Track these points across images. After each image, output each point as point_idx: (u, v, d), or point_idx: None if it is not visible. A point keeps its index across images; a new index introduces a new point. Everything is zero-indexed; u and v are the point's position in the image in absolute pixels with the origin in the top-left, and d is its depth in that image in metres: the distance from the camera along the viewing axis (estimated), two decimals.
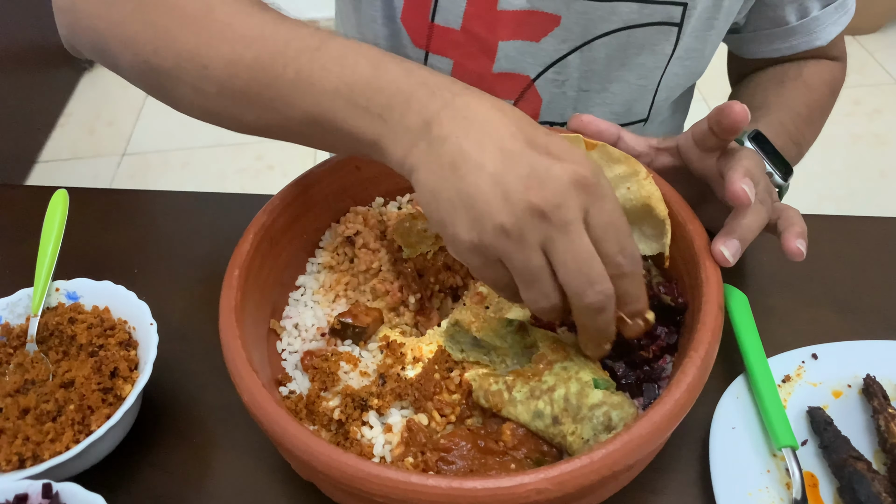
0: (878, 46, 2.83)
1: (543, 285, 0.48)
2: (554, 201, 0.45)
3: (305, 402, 0.57)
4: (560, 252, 0.46)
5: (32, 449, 0.54)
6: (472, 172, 0.46)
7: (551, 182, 0.45)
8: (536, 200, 0.45)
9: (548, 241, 0.46)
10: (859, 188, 2.25)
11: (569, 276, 0.47)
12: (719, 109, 0.58)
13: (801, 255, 0.59)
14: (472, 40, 0.80)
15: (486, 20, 0.78)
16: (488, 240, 0.46)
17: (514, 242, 0.46)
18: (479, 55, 0.81)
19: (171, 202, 0.91)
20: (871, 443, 0.59)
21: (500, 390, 0.55)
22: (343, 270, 0.68)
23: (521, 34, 0.80)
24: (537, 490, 0.45)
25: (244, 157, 2.50)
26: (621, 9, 0.77)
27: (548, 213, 0.45)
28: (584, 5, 0.77)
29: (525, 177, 0.45)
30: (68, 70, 2.88)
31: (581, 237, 0.46)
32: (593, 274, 0.47)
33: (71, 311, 0.64)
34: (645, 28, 0.79)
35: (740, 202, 0.56)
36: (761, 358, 0.62)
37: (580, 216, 0.46)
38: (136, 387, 0.57)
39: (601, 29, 0.79)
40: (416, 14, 0.80)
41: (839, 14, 0.87)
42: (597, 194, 0.47)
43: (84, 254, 0.77)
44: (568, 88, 0.85)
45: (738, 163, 0.58)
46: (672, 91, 0.89)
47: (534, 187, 0.45)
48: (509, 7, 0.77)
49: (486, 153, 0.46)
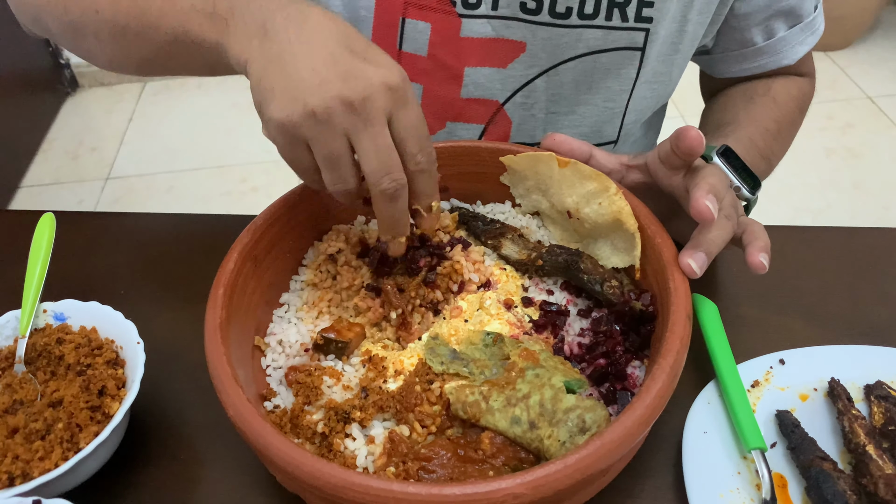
0: (850, 62, 2.90)
1: (343, 170, 0.55)
2: (363, 95, 0.52)
3: (290, 417, 0.59)
4: (363, 141, 0.53)
5: (22, 467, 0.55)
6: (295, 62, 0.53)
7: (364, 81, 0.52)
8: (347, 92, 0.51)
9: (353, 129, 0.53)
10: (834, 200, 2.29)
11: (368, 163, 0.54)
12: (677, 134, 0.62)
13: (764, 268, 0.62)
14: (439, 67, 0.83)
15: (450, 48, 0.81)
16: (297, 120, 0.52)
17: (322, 126, 0.52)
18: (447, 81, 0.84)
19: (156, 224, 0.92)
20: (836, 443, 0.61)
21: (477, 401, 0.56)
22: (326, 288, 0.70)
23: (488, 61, 0.82)
24: (514, 495, 0.46)
25: (229, 180, 2.51)
26: (586, 35, 0.80)
27: (356, 105, 0.51)
28: (549, 32, 0.79)
29: (342, 73, 0.52)
30: (51, 95, 2.89)
31: (383, 130, 0.53)
32: (390, 163, 0.54)
33: (58, 332, 0.65)
34: (609, 53, 0.82)
35: (704, 218, 0.59)
36: (731, 364, 0.64)
37: (384, 115, 0.53)
38: (124, 404, 0.58)
39: (567, 54, 0.82)
40: (383, 42, 0.82)
41: (805, 34, 0.89)
42: (403, 100, 0.54)
43: (71, 276, 0.78)
44: (536, 111, 0.87)
45: (702, 180, 0.60)
46: (641, 113, 0.92)
47: (348, 82, 0.52)
48: (473, 35, 0.80)
49: (312, 50, 0.53)
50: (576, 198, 0.67)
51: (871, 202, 2.29)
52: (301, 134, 0.53)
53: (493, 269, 0.69)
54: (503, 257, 0.70)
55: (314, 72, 0.52)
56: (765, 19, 0.86)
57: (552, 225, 0.73)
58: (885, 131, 2.57)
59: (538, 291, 0.69)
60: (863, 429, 0.59)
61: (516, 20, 0.79)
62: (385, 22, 0.80)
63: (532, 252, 0.69)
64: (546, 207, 0.72)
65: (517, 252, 0.70)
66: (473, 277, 0.68)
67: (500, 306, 0.66)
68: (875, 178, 2.37)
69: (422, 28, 0.80)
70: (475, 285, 0.68)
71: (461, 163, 0.74)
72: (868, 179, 2.36)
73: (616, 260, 0.67)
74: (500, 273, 0.69)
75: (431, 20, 0.79)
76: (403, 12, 0.79)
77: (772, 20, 0.86)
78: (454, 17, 0.79)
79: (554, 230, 0.73)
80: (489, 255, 0.71)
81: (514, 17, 0.78)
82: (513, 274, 0.69)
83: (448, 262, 0.68)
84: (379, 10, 0.79)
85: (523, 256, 0.69)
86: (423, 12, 0.79)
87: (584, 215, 0.67)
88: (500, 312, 0.65)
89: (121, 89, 3.01)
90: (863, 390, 0.64)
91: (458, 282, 0.68)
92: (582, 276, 0.66)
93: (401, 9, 0.79)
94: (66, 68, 2.95)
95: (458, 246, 0.70)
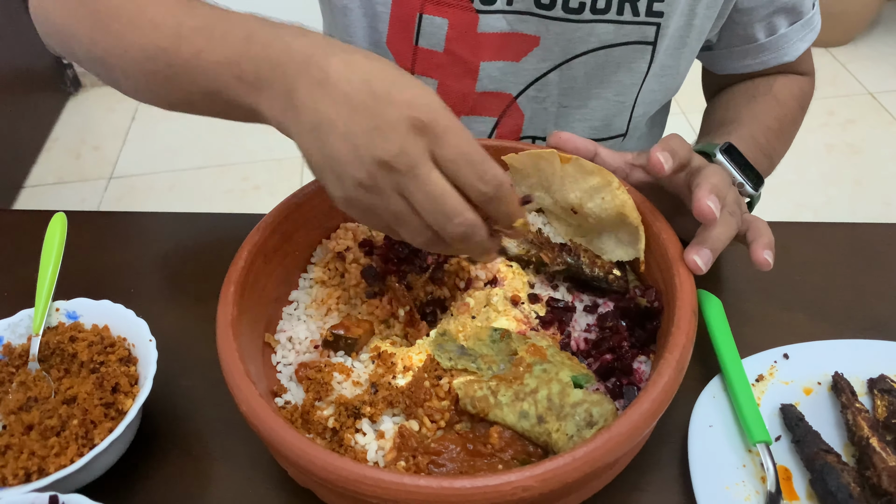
0: (850, 58, 2.90)
1: (411, 225, 0.52)
2: (394, 150, 0.49)
3: (300, 412, 0.59)
4: (414, 194, 0.50)
5: (38, 463, 0.56)
6: (328, 134, 0.51)
7: (392, 131, 0.49)
8: (380, 153, 0.49)
9: (401, 187, 0.50)
10: (836, 196, 2.30)
11: (426, 215, 0.51)
12: (646, 155, 0.63)
13: (769, 265, 0.62)
14: (455, 62, 0.83)
15: (467, 43, 0.82)
16: (353, 194, 0.51)
17: (373, 193, 0.51)
18: (462, 76, 0.85)
19: (165, 223, 0.93)
20: (840, 436, 0.62)
21: (485, 396, 0.57)
22: (334, 285, 0.70)
23: (503, 55, 0.83)
24: (523, 487, 0.47)
25: (230, 179, 2.52)
26: (598, 29, 0.81)
27: (392, 162, 0.49)
28: (562, 27, 0.80)
29: (370, 130, 0.49)
30: (53, 95, 2.90)
31: (429, 177, 0.49)
32: (447, 209, 0.50)
33: (71, 330, 0.66)
34: (621, 47, 0.83)
35: (706, 219, 0.60)
36: (736, 359, 0.65)
37: (425, 157, 0.49)
38: (137, 401, 0.59)
39: (580, 49, 0.83)
40: (400, 38, 0.83)
41: (805, 31, 0.91)
42: (439, 131, 0.49)
43: (82, 274, 0.79)
44: (549, 105, 0.88)
45: (704, 180, 0.61)
46: (649, 107, 0.93)
47: (376, 139, 0.49)
48: (489, 30, 0.81)
49: (338, 113, 0.50)
50: (579, 193, 0.68)
51: (871, 198, 2.29)
52: (364, 206, 0.52)
53: (499, 266, 0.70)
54: (502, 252, 0.71)
55: (346, 139, 0.50)
56: (767, 15, 0.87)
57: (556, 221, 0.74)
58: (885, 127, 2.57)
59: (544, 288, 0.69)
60: (866, 422, 0.60)
61: (531, 15, 0.80)
62: (402, 17, 0.81)
63: (531, 248, 0.70)
64: (549, 204, 0.73)
65: (516, 246, 0.70)
66: (480, 274, 0.69)
67: (507, 303, 0.67)
68: (876, 174, 2.37)
69: (439, 23, 0.81)
70: (482, 282, 0.69)
71: None
72: (869, 175, 2.37)
73: (621, 253, 0.68)
74: (507, 270, 0.70)
75: (448, 16, 0.80)
76: (421, 8, 0.80)
77: (774, 16, 0.88)
78: (471, 12, 0.80)
79: (558, 226, 0.74)
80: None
81: (529, 11, 0.80)
82: (519, 271, 0.70)
83: (455, 260, 0.69)
84: (395, 5, 0.80)
85: (522, 251, 0.70)
86: (440, 8, 0.79)
87: (588, 210, 0.67)
88: (507, 309, 0.66)
89: None
90: (866, 384, 0.65)
91: (465, 279, 0.69)
92: (585, 271, 0.67)
93: (418, 5, 0.79)
94: (68, 68, 2.96)
95: None
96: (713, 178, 0.62)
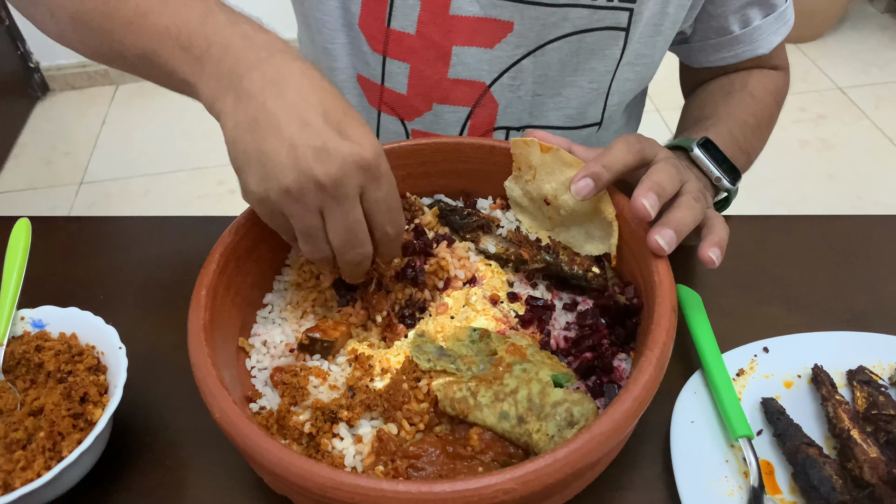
0: (820, 54, 2.94)
1: (317, 241, 0.56)
2: (335, 177, 0.52)
3: (276, 418, 0.58)
4: (332, 218, 0.55)
5: (3, 478, 0.54)
6: (270, 133, 0.53)
7: (338, 160, 0.52)
8: (320, 173, 0.52)
9: (325, 206, 0.54)
10: (810, 191, 2.32)
11: (336, 238, 0.56)
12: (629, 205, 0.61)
13: (713, 263, 0.60)
14: (427, 45, 0.83)
15: (439, 25, 0.81)
16: (274, 196, 0.53)
17: (296, 203, 0.53)
18: (434, 60, 0.84)
19: (134, 228, 0.91)
20: (821, 429, 0.62)
21: (465, 397, 0.56)
22: (310, 287, 0.69)
23: (476, 41, 0.82)
24: (504, 490, 0.46)
25: (206, 183, 2.49)
26: (572, 14, 0.80)
27: (328, 186, 0.52)
28: (536, 11, 0.80)
29: (317, 149, 0.52)
30: (20, 100, 2.84)
31: (353, 209, 0.55)
32: (356, 239, 0.56)
33: (37, 339, 0.64)
34: (595, 32, 0.82)
35: (640, 216, 0.59)
36: (716, 354, 0.65)
37: (356, 192, 0.54)
38: (107, 411, 0.57)
39: (553, 34, 0.82)
40: (372, 19, 0.82)
41: (779, 24, 0.91)
42: (375, 176, 0.55)
43: (48, 282, 0.77)
44: (523, 93, 0.88)
45: (647, 178, 0.61)
46: (624, 95, 0.92)
47: (321, 161, 0.52)
48: (461, 13, 0.80)
49: (287, 119, 0.53)
50: (555, 185, 0.67)
51: (844, 192, 2.32)
52: (278, 208, 0.55)
53: (478, 265, 0.69)
54: (481, 251, 0.70)
55: (289, 147, 0.52)
56: (741, 7, 0.87)
57: (522, 214, 0.73)
58: (856, 122, 2.60)
59: (524, 286, 0.69)
60: (847, 414, 0.60)
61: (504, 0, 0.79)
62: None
63: (510, 246, 0.69)
64: (517, 195, 0.72)
65: (495, 245, 0.70)
66: (459, 274, 0.68)
67: (486, 302, 0.66)
68: (848, 169, 2.40)
69: (412, 3, 0.80)
70: (461, 282, 0.68)
71: (445, 159, 0.74)
72: (841, 170, 2.40)
73: (590, 248, 0.67)
74: (486, 269, 0.69)
75: None
76: None
77: (747, 8, 0.88)
78: None
79: (523, 218, 0.73)
80: (474, 250, 0.71)
81: None
82: (498, 270, 0.69)
83: (434, 259, 0.68)
84: None
85: (501, 250, 0.69)
86: None
87: (562, 202, 0.66)
88: (486, 308, 0.65)
89: (93, 92, 2.96)
90: (845, 376, 0.65)
91: (443, 278, 0.68)
92: (564, 268, 0.66)
93: None
94: (35, 72, 2.90)
95: (444, 242, 0.70)
96: (656, 175, 0.61)
